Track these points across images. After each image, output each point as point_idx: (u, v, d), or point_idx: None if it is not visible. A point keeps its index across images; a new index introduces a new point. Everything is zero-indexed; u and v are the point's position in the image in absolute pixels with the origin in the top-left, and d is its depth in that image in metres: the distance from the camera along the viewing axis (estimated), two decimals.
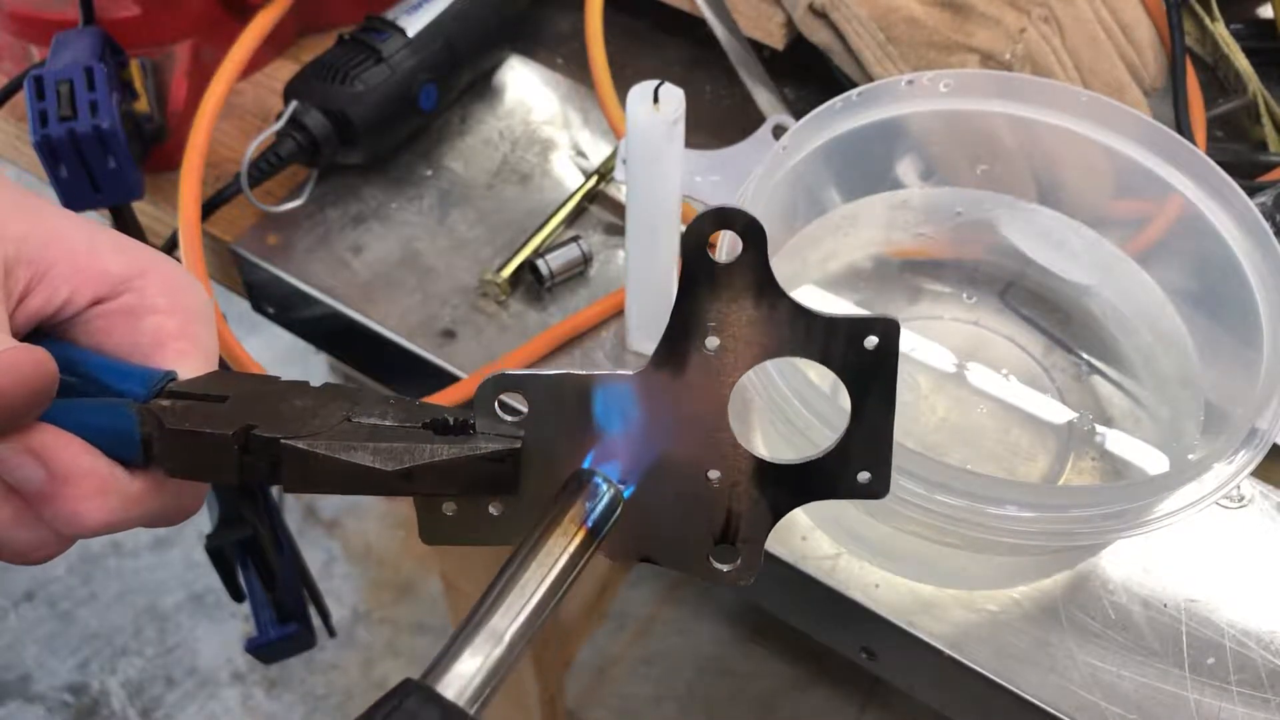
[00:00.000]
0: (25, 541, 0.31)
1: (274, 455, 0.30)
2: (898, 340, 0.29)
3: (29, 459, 0.29)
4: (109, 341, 0.33)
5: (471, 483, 0.31)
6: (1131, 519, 0.41)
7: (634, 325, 0.54)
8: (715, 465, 0.32)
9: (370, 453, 0.30)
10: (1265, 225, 0.46)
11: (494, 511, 0.32)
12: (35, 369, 0.29)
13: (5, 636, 1.50)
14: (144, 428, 0.31)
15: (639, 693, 1.46)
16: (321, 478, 0.30)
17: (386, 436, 0.30)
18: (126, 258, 0.33)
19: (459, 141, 0.64)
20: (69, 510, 0.30)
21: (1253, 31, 0.68)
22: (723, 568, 0.33)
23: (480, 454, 0.31)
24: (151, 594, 1.54)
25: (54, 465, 0.29)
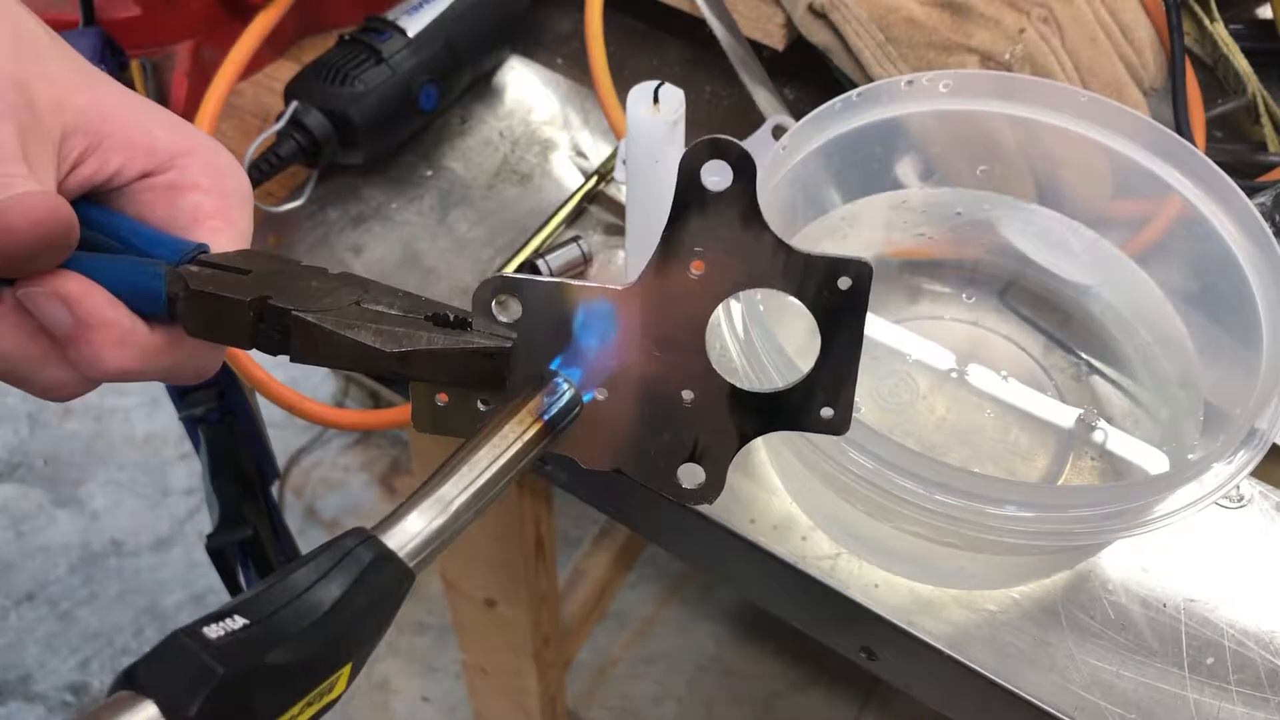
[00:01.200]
0: (52, 379, 0.33)
1: (285, 325, 0.32)
2: (869, 283, 0.31)
3: (57, 303, 0.32)
4: (151, 214, 0.35)
5: (462, 374, 0.33)
6: (1131, 519, 0.41)
7: None
8: (689, 386, 0.33)
9: (372, 333, 0.32)
10: (1264, 225, 0.46)
11: (482, 407, 0.34)
12: (50, 213, 0.31)
13: (6, 636, 1.50)
14: (170, 287, 0.32)
15: (639, 692, 1.46)
16: (325, 351, 0.32)
17: (390, 322, 0.33)
18: (176, 136, 0.35)
19: (459, 142, 0.64)
20: (91, 354, 0.32)
21: (1252, 32, 0.68)
22: (688, 486, 0.35)
23: (472, 348, 0.33)
24: (152, 594, 1.54)
25: (79, 311, 0.32)
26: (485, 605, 0.99)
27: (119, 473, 1.65)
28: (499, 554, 0.89)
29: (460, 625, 1.08)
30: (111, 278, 0.33)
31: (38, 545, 1.58)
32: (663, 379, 0.33)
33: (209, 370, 0.36)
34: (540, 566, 0.93)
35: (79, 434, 1.68)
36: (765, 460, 0.52)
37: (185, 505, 1.61)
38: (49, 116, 0.32)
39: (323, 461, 1.65)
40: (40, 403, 1.71)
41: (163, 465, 1.65)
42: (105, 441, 1.67)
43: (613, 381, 0.33)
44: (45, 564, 1.56)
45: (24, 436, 1.68)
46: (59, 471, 1.65)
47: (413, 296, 0.34)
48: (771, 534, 0.50)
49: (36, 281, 0.32)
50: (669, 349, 0.33)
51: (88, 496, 1.62)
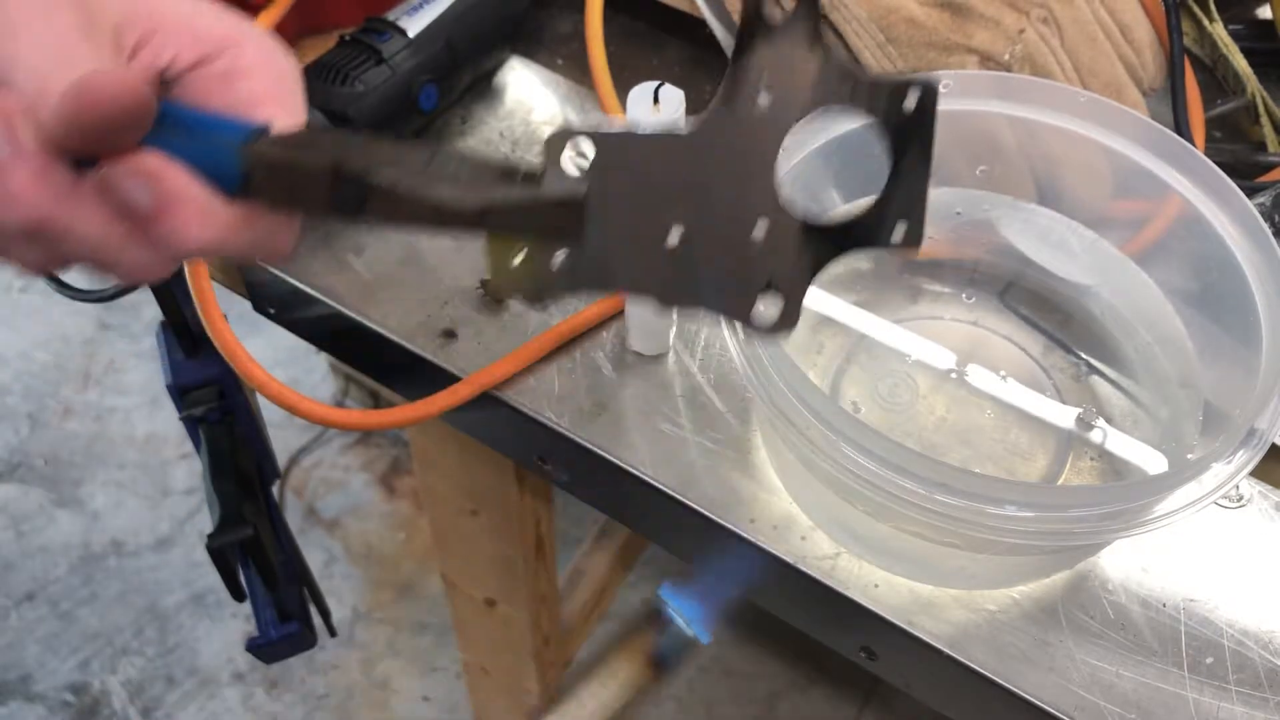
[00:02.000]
0: (136, 260, 0.34)
1: (362, 190, 0.32)
2: (935, 102, 0.31)
3: (139, 181, 0.32)
4: (208, 101, 0.36)
5: (540, 226, 0.34)
6: (1130, 519, 0.41)
7: (634, 325, 0.54)
8: (762, 220, 0.34)
9: (450, 191, 0.32)
10: (1264, 226, 0.46)
11: (558, 263, 0.34)
12: (127, 89, 0.31)
13: (6, 636, 1.50)
14: (244, 163, 0.33)
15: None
16: (404, 212, 0.33)
17: (464, 180, 0.33)
18: (225, 24, 0.36)
19: (460, 142, 0.64)
20: (175, 231, 0.33)
21: (1251, 32, 0.69)
22: (765, 321, 0.35)
23: (548, 198, 0.33)
24: (152, 594, 1.54)
25: (161, 187, 0.32)
26: (485, 605, 0.99)
27: (119, 472, 1.65)
28: (499, 554, 0.89)
29: (461, 625, 1.08)
30: (186, 157, 0.33)
31: (38, 545, 1.58)
32: (735, 215, 0.33)
33: (285, 248, 0.36)
34: (540, 566, 0.93)
35: (79, 434, 1.68)
36: (765, 460, 0.52)
37: (186, 505, 1.62)
38: (102, 9, 0.33)
39: (323, 461, 1.66)
40: (41, 403, 1.71)
41: (163, 465, 1.65)
42: (105, 441, 1.67)
43: (689, 221, 0.34)
44: (45, 564, 1.56)
45: (24, 436, 1.68)
46: (59, 471, 1.65)
47: (480, 155, 0.34)
48: (771, 534, 0.50)
49: (118, 161, 0.32)
50: (739, 184, 0.33)
51: (88, 496, 1.62)
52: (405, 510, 1.61)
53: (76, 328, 1.79)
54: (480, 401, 0.54)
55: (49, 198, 0.32)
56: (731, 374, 0.54)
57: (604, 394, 0.54)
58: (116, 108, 0.31)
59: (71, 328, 1.79)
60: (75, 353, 1.77)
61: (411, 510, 1.61)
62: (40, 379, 1.74)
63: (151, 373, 1.74)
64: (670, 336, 0.55)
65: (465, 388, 0.54)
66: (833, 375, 0.53)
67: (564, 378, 0.54)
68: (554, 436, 0.53)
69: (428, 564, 1.55)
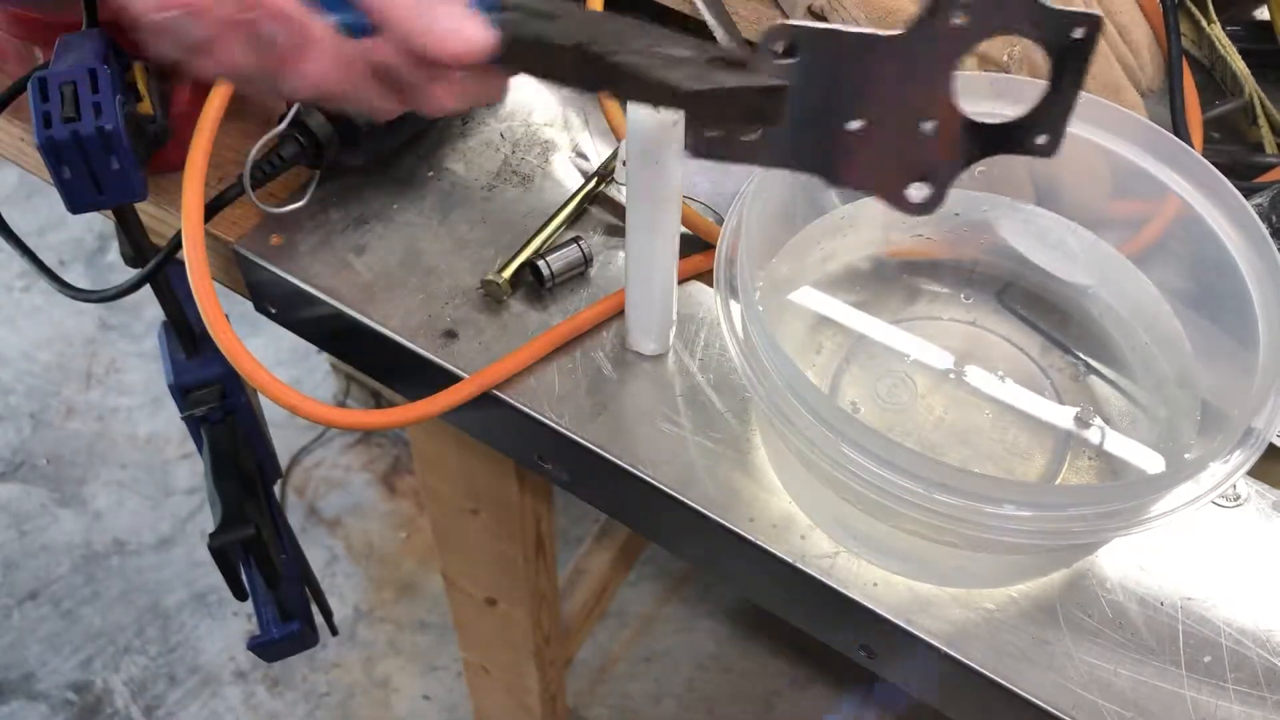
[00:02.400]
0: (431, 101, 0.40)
1: (600, 67, 0.36)
2: (1097, 35, 0.37)
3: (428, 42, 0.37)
4: None
5: (745, 110, 0.38)
6: (1128, 518, 0.41)
7: (634, 325, 0.54)
8: (932, 117, 0.39)
9: (684, 74, 0.36)
10: (1261, 226, 0.47)
11: (749, 138, 0.39)
12: None
13: (9, 635, 1.51)
14: (502, 33, 0.37)
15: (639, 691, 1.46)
16: (635, 90, 0.37)
17: (686, 65, 0.37)
18: None
19: (460, 143, 0.64)
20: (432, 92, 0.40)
21: (1249, 33, 0.69)
22: (915, 200, 0.41)
23: (758, 86, 0.37)
24: (154, 593, 1.54)
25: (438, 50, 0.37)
26: (486, 604, 0.99)
27: (121, 472, 1.65)
28: (500, 553, 0.89)
29: (461, 624, 1.09)
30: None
31: (40, 544, 1.58)
32: (911, 112, 0.39)
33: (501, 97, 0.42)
34: (541, 565, 0.93)
35: (81, 433, 1.68)
36: (765, 460, 0.52)
37: (187, 505, 1.62)
38: None
39: (324, 461, 1.66)
40: (43, 402, 1.71)
41: (165, 465, 1.65)
42: (108, 441, 1.68)
43: (870, 112, 0.39)
44: (48, 563, 1.57)
45: (26, 436, 1.69)
46: (61, 471, 1.65)
47: (695, 40, 0.38)
48: (770, 533, 0.50)
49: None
50: (923, 85, 0.38)
51: (90, 496, 1.63)
52: (406, 509, 1.61)
53: (78, 327, 1.80)
54: (481, 401, 0.54)
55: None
56: (731, 374, 0.55)
57: (604, 394, 0.54)
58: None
59: (73, 327, 1.80)
60: (77, 352, 1.77)
61: (412, 509, 1.61)
62: (42, 379, 1.75)
63: (153, 372, 1.74)
64: (670, 336, 0.55)
65: (466, 387, 0.54)
66: (832, 375, 0.53)
67: (564, 378, 0.55)
68: (554, 436, 0.54)
69: (428, 563, 1.55)
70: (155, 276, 0.57)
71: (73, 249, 1.88)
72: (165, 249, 0.56)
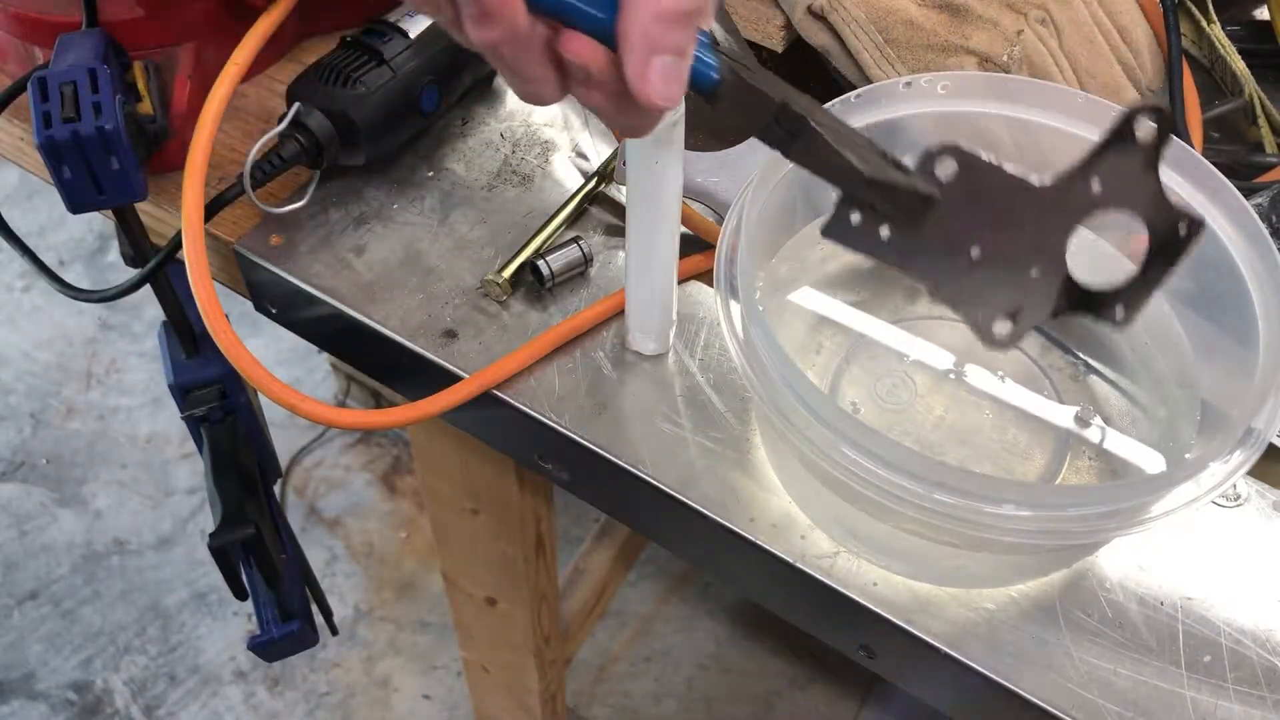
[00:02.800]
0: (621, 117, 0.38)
1: (795, 129, 0.38)
2: (1200, 238, 0.39)
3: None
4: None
5: (898, 207, 0.40)
6: (1128, 518, 0.41)
7: (634, 325, 0.54)
8: (1041, 265, 0.41)
9: (856, 156, 0.39)
10: (1261, 226, 0.47)
11: (884, 235, 0.42)
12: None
13: (9, 635, 1.51)
14: (722, 73, 0.38)
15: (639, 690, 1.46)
16: (817, 161, 0.39)
17: (863, 150, 0.40)
18: None
19: (460, 143, 0.64)
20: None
21: (1249, 33, 0.69)
22: (998, 334, 0.42)
23: (918, 189, 0.40)
24: (155, 592, 1.54)
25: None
26: (486, 603, 0.99)
27: (121, 472, 1.65)
28: (499, 552, 0.89)
29: (461, 623, 1.09)
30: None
31: (40, 544, 1.58)
32: (1027, 254, 0.41)
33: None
34: (541, 565, 0.93)
35: (81, 433, 1.68)
36: (765, 460, 0.52)
37: (188, 504, 1.62)
38: None
39: (324, 461, 1.66)
40: (44, 402, 1.71)
41: (165, 465, 1.65)
42: (108, 441, 1.68)
43: (993, 245, 0.41)
44: (48, 563, 1.57)
45: (26, 436, 1.69)
46: (62, 471, 1.65)
47: (867, 138, 0.41)
48: (770, 533, 0.50)
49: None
50: (1042, 234, 0.41)
51: (90, 496, 1.63)
52: (406, 509, 1.61)
53: (79, 327, 1.80)
54: (481, 401, 0.54)
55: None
56: (731, 374, 0.55)
57: (604, 394, 0.54)
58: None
59: (74, 327, 1.80)
60: (77, 352, 1.77)
61: (412, 509, 1.61)
62: (43, 379, 1.75)
63: (153, 372, 1.74)
64: (670, 336, 0.55)
65: (466, 387, 0.54)
66: (832, 375, 0.53)
67: (564, 378, 0.55)
68: (554, 436, 0.54)
69: (429, 563, 1.55)
70: (155, 276, 0.57)
71: (73, 249, 1.88)
72: (165, 249, 0.56)
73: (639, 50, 0.34)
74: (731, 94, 0.38)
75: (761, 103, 0.38)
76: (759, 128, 0.39)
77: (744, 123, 0.39)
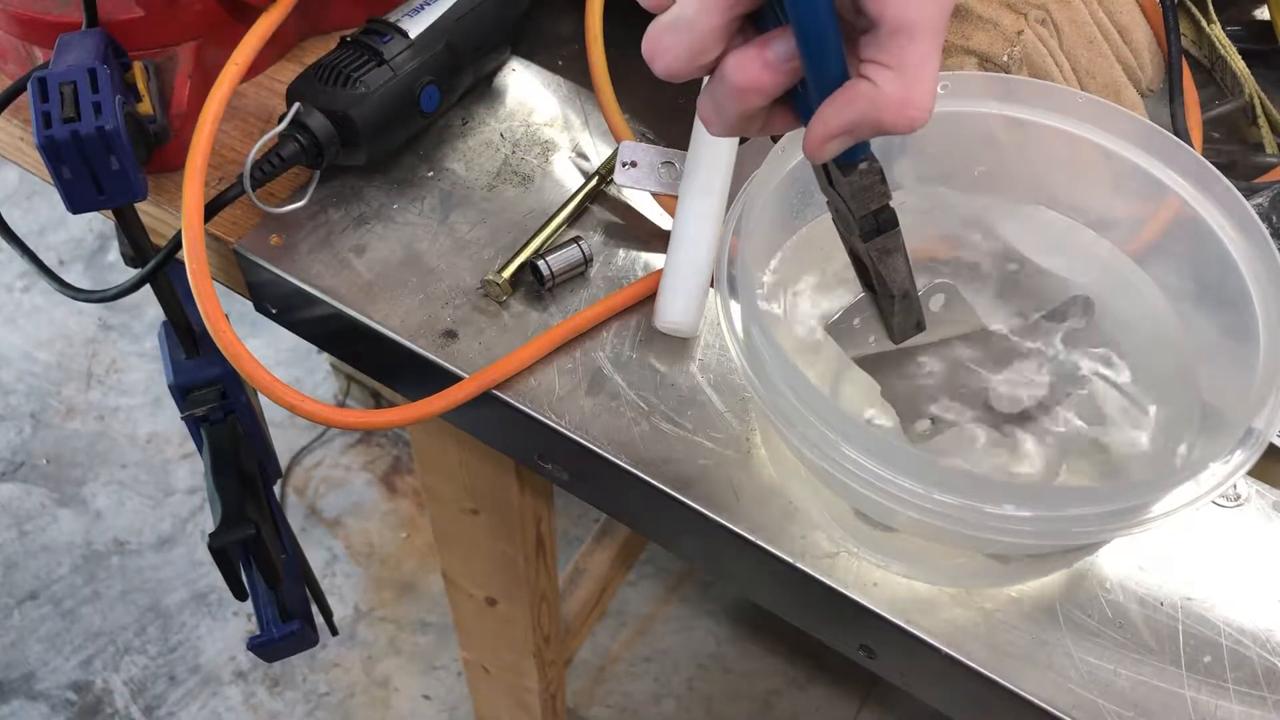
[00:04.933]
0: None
1: (885, 225, 0.41)
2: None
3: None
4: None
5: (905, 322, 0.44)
6: (1128, 518, 0.41)
7: (671, 297, 0.54)
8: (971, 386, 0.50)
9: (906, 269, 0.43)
10: (1262, 226, 0.47)
11: (870, 341, 0.48)
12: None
13: (9, 635, 1.51)
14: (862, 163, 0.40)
15: (639, 690, 1.46)
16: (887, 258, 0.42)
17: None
18: None
19: (460, 143, 0.64)
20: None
21: (1249, 33, 0.69)
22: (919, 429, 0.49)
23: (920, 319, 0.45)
24: (155, 593, 1.54)
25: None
26: (486, 604, 0.99)
27: (121, 472, 1.65)
28: (500, 553, 0.89)
29: (461, 623, 1.09)
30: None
31: (40, 544, 1.58)
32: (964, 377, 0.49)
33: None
34: (541, 565, 0.93)
35: (82, 433, 1.68)
36: (765, 460, 0.52)
37: (188, 504, 1.62)
38: None
39: (324, 461, 1.66)
40: (44, 402, 1.71)
41: (165, 465, 1.65)
42: (108, 441, 1.68)
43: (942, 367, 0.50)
44: (48, 563, 1.57)
45: (26, 436, 1.69)
46: (62, 471, 1.65)
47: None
48: (770, 533, 0.50)
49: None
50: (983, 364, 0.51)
51: (90, 496, 1.63)
52: (406, 509, 1.61)
53: (79, 327, 1.80)
54: (481, 401, 0.54)
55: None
56: (731, 374, 0.55)
57: (604, 394, 0.54)
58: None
59: (74, 327, 1.80)
60: (78, 352, 1.77)
61: (413, 509, 1.61)
62: (43, 379, 1.75)
63: (153, 372, 1.74)
64: (701, 317, 0.55)
65: (466, 387, 0.54)
66: (832, 376, 0.53)
67: (564, 378, 0.55)
68: (554, 436, 0.54)
69: (429, 563, 1.55)
70: (155, 276, 0.57)
71: (73, 249, 1.88)
72: (165, 249, 0.56)
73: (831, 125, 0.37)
74: (864, 174, 0.40)
75: (878, 191, 0.40)
76: (864, 212, 0.41)
77: (854, 204, 0.41)
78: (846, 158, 0.39)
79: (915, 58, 0.35)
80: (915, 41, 0.35)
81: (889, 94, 0.35)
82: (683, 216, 0.55)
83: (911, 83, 0.35)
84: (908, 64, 0.35)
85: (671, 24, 0.37)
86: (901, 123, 0.36)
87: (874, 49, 0.36)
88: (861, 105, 0.36)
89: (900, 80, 0.35)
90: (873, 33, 0.36)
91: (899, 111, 0.36)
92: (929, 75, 0.36)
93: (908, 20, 0.35)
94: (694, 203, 0.55)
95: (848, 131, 0.37)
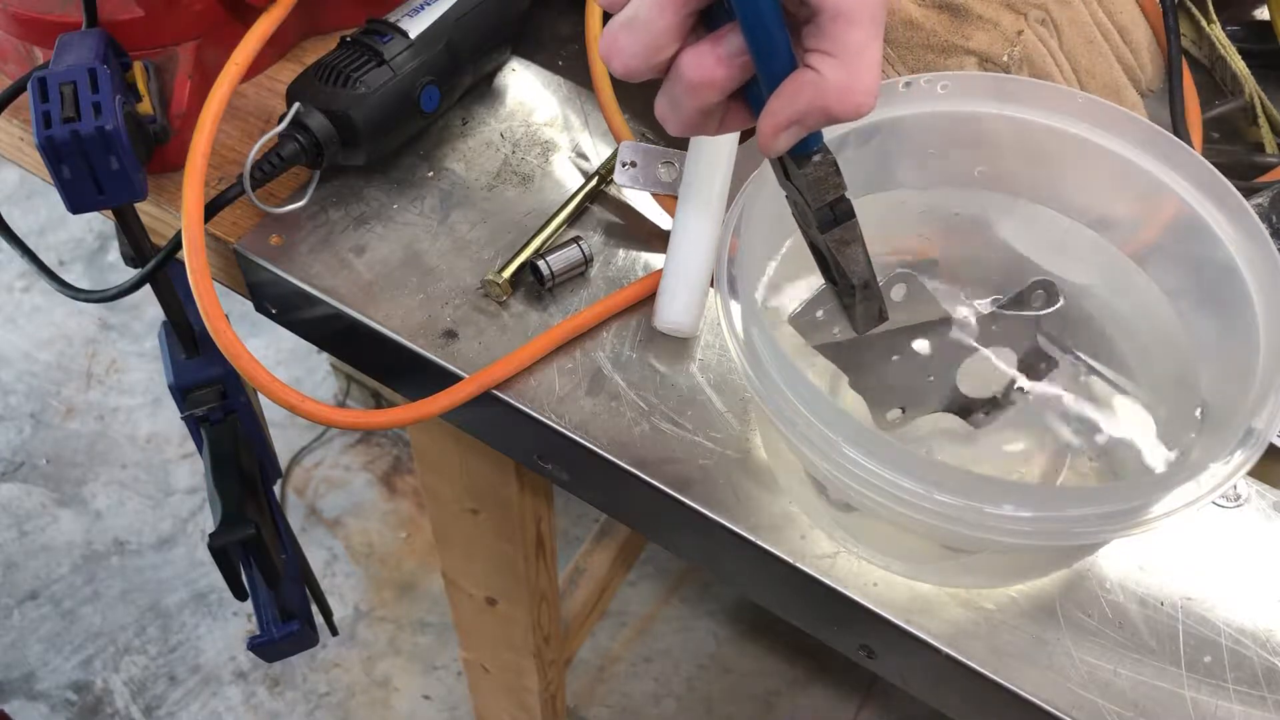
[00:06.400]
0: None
1: (842, 216, 0.42)
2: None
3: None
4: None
5: (867, 312, 0.45)
6: (1128, 519, 0.41)
7: (669, 298, 0.54)
8: (937, 375, 0.50)
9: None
10: (1261, 226, 0.47)
11: (835, 333, 0.48)
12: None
13: (9, 635, 1.51)
14: (818, 154, 0.40)
15: (639, 690, 1.46)
16: (846, 249, 0.43)
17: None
18: None
19: (460, 143, 0.64)
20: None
21: (1249, 33, 0.69)
22: (889, 419, 0.51)
23: (884, 305, 0.45)
24: (155, 593, 1.54)
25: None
26: (486, 604, 0.99)
27: (121, 472, 1.65)
28: (499, 553, 0.89)
29: (461, 623, 1.09)
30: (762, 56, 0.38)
31: (40, 544, 1.59)
32: (930, 366, 0.51)
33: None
34: (541, 565, 0.93)
35: (81, 433, 1.68)
36: (765, 460, 0.52)
37: (188, 504, 1.62)
38: None
39: (324, 461, 1.66)
40: (43, 403, 1.71)
41: (165, 465, 1.65)
42: (108, 441, 1.68)
43: (908, 356, 0.51)
44: (48, 563, 1.57)
45: (26, 436, 1.69)
46: (62, 471, 1.65)
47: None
48: (770, 533, 0.50)
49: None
50: (949, 352, 0.52)
51: (90, 496, 1.63)
52: (406, 509, 1.61)
53: (79, 328, 1.80)
54: (481, 401, 0.54)
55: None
56: (731, 374, 0.55)
57: (604, 394, 0.54)
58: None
59: (74, 328, 1.80)
60: (78, 353, 1.77)
61: (412, 509, 1.61)
62: (43, 379, 1.75)
63: (153, 372, 1.74)
64: (701, 317, 0.55)
65: (466, 387, 0.54)
66: (832, 375, 0.53)
67: (564, 378, 0.55)
68: (554, 436, 0.54)
69: (429, 563, 1.55)
70: (155, 276, 0.57)
71: (73, 249, 1.88)
72: (165, 249, 0.56)
73: (780, 117, 0.37)
74: (819, 166, 0.40)
75: (832, 182, 0.41)
76: (820, 204, 0.41)
77: (810, 195, 0.41)
78: (800, 150, 0.40)
79: (855, 44, 0.36)
80: (854, 27, 0.36)
81: (833, 81, 0.36)
82: (683, 216, 0.56)
83: (854, 69, 0.36)
84: (849, 50, 0.36)
85: (627, 23, 0.37)
86: (847, 109, 0.36)
87: (815, 37, 0.36)
88: (808, 94, 0.36)
89: (843, 67, 0.36)
90: (814, 21, 0.36)
91: (843, 98, 0.36)
92: (871, 60, 0.36)
93: (846, 6, 0.35)
94: (694, 203, 0.55)
95: (796, 122, 0.37)
